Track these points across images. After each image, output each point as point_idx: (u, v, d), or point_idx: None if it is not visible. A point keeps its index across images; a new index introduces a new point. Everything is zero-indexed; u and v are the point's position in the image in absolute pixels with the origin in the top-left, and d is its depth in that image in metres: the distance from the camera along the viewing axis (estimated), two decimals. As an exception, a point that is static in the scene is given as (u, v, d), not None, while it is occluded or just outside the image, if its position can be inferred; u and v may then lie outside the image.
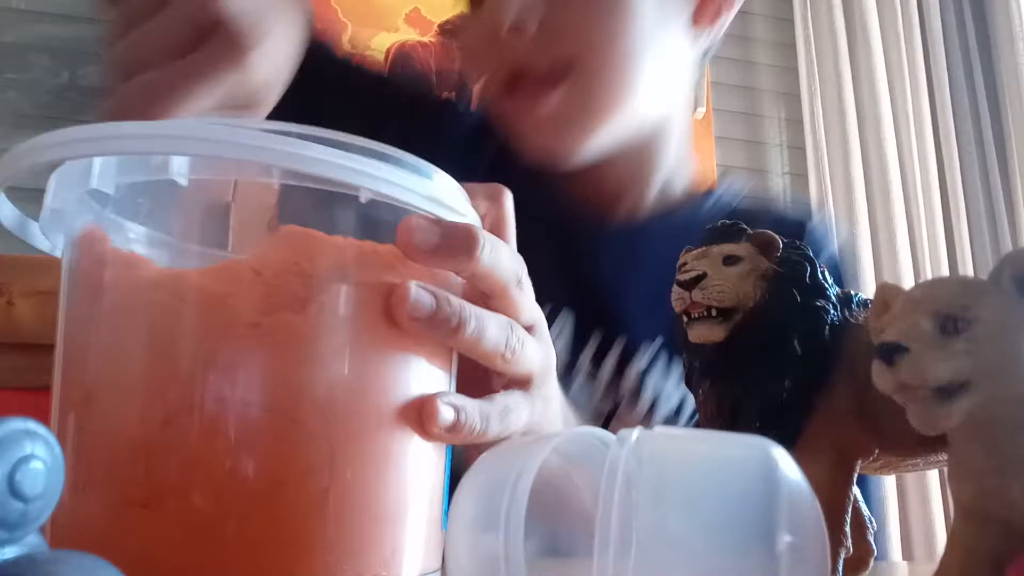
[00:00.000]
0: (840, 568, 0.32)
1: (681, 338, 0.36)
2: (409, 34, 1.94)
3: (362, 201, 0.29)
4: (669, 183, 0.75)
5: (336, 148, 0.28)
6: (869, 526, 0.38)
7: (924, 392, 0.26)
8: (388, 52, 1.91)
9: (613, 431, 0.27)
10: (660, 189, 0.74)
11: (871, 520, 0.38)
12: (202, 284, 0.28)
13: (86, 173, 0.27)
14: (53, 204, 0.30)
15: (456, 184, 0.34)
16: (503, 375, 0.37)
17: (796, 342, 0.33)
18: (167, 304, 0.28)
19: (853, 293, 0.35)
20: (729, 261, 0.34)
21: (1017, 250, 0.27)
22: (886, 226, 2.27)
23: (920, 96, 2.38)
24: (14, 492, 0.16)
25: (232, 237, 0.33)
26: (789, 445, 0.30)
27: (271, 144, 0.27)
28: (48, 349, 0.30)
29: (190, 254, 0.33)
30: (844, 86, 2.34)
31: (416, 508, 0.31)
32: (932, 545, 2.04)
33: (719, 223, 0.36)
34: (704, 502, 0.24)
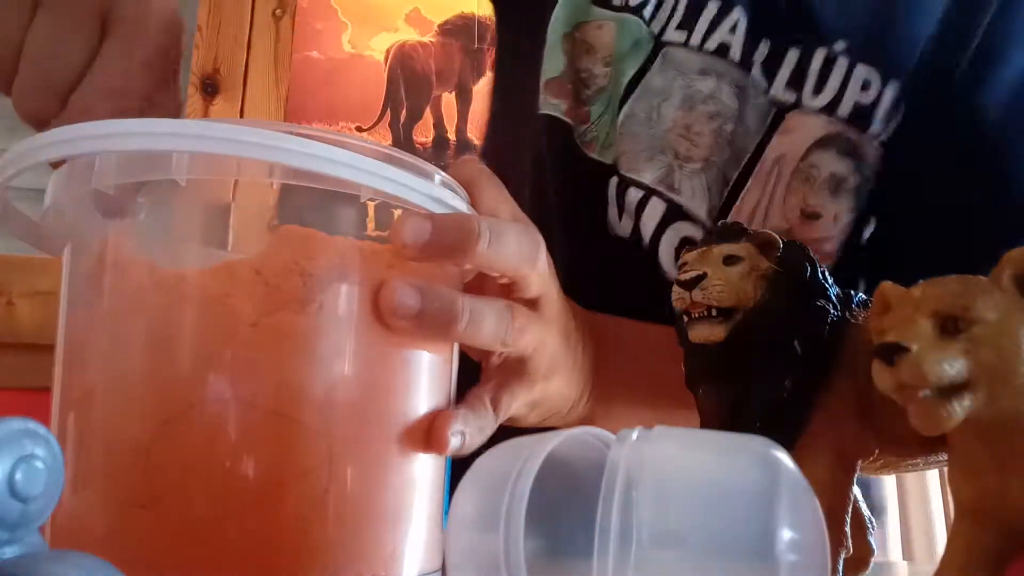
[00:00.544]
0: (840, 568, 0.32)
1: (681, 338, 0.36)
2: (409, 34, 1.93)
3: (362, 201, 0.29)
4: None
5: (336, 147, 0.28)
6: (869, 526, 0.38)
7: (924, 392, 0.26)
8: (388, 52, 1.91)
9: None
10: None
11: (871, 520, 0.38)
12: (202, 284, 0.28)
13: (86, 173, 0.27)
14: (53, 204, 0.30)
15: (457, 184, 0.34)
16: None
17: (796, 342, 0.33)
18: (167, 304, 0.28)
19: (853, 293, 0.35)
20: (729, 261, 0.34)
21: (1017, 250, 0.27)
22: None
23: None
24: (14, 492, 0.16)
25: (232, 237, 0.32)
26: (789, 445, 0.30)
27: (271, 142, 0.27)
28: (48, 349, 0.30)
29: (190, 254, 0.33)
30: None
31: (416, 508, 0.31)
32: (932, 545, 2.03)
33: (719, 223, 0.36)
34: (704, 502, 0.24)
